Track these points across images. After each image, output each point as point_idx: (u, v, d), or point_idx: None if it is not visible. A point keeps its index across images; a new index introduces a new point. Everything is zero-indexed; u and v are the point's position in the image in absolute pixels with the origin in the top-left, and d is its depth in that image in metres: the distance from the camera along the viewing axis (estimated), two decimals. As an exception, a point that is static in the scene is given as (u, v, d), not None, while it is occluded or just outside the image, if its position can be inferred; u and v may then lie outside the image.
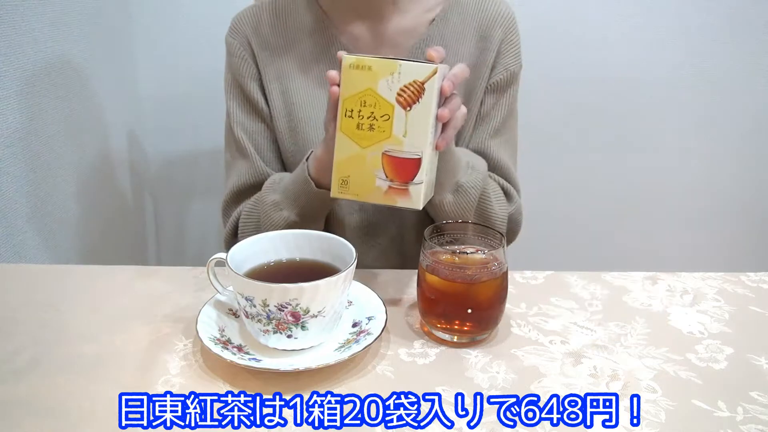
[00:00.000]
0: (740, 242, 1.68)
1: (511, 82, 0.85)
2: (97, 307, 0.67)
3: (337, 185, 0.63)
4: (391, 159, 0.61)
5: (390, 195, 0.62)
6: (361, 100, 0.61)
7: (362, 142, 0.62)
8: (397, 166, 0.61)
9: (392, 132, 0.61)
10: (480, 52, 0.83)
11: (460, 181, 0.75)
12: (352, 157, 0.62)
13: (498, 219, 0.81)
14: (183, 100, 1.49)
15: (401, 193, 0.62)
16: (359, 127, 0.61)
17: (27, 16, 0.96)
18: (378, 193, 0.62)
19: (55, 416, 0.50)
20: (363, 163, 0.62)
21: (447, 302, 0.60)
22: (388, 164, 0.62)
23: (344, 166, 0.63)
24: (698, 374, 0.57)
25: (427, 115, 0.60)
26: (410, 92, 0.60)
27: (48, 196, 1.03)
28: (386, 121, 0.61)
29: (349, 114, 0.61)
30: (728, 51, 1.48)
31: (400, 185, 0.62)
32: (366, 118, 0.61)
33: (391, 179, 0.62)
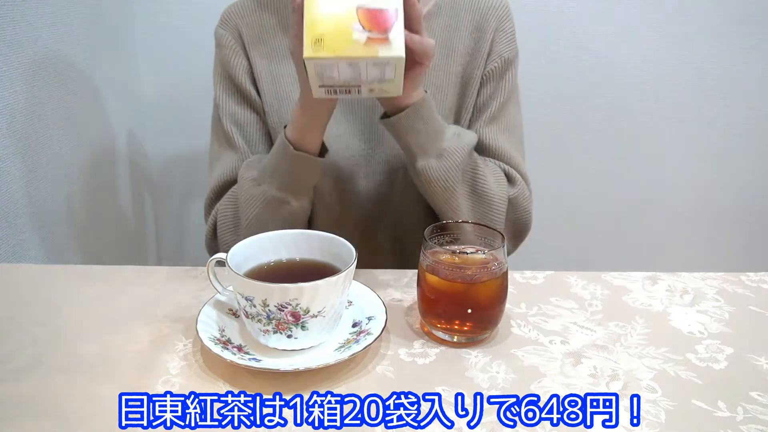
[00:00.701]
0: (740, 242, 1.68)
1: (506, 69, 0.84)
2: (97, 307, 0.67)
3: (310, 44, 0.59)
4: (366, 12, 0.59)
5: (370, 45, 0.59)
6: None
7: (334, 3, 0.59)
8: (374, 17, 0.59)
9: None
10: (475, 43, 0.84)
11: (443, 145, 0.74)
12: (324, 15, 0.59)
13: (496, 197, 0.79)
14: (183, 100, 1.49)
15: (381, 42, 0.59)
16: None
17: (28, 15, 0.96)
18: (357, 45, 0.59)
19: (55, 416, 0.50)
20: (338, 18, 0.59)
21: (447, 302, 0.60)
22: (364, 16, 0.59)
23: (317, 24, 0.59)
24: (698, 374, 0.57)
25: None
26: None
27: (48, 196, 1.03)
28: None
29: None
30: (728, 51, 1.48)
31: (379, 34, 0.59)
32: None
33: (369, 29, 0.59)
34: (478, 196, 0.78)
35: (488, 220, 0.79)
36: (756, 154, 1.59)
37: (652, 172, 1.60)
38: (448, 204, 0.77)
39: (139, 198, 1.48)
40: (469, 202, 0.78)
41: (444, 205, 0.77)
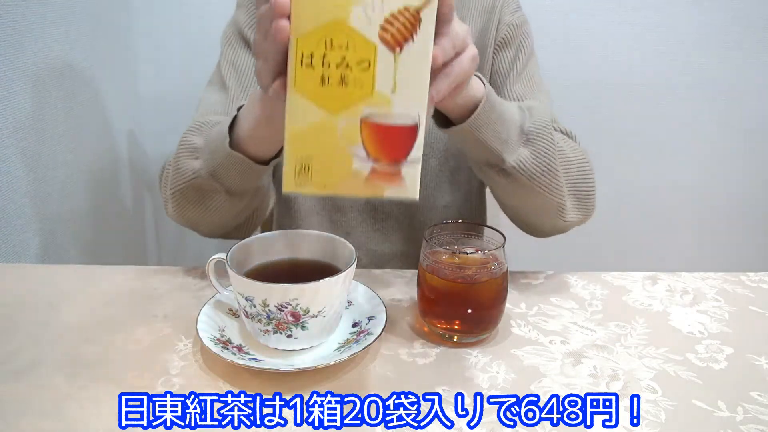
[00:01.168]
0: (740, 242, 1.68)
1: (517, 33, 0.84)
2: (97, 307, 0.67)
3: (293, 173, 0.44)
4: (375, 128, 0.43)
5: (374, 182, 0.44)
6: (326, 39, 0.41)
7: (330, 105, 0.42)
8: (384, 139, 0.44)
9: (375, 87, 0.42)
10: (482, 25, 0.84)
11: (525, 126, 0.63)
12: (314, 129, 0.43)
13: (580, 161, 0.69)
14: (183, 101, 1.48)
15: (390, 177, 0.44)
16: (324, 81, 0.42)
17: (27, 15, 0.96)
18: (356, 180, 0.44)
19: (55, 416, 0.50)
20: (332, 136, 0.43)
21: (447, 302, 0.60)
22: (370, 136, 0.43)
23: (302, 142, 0.43)
24: (698, 374, 0.57)
25: (425, 59, 0.43)
26: (401, 24, 0.41)
27: (48, 196, 1.03)
28: (366, 71, 0.42)
29: (307, 62, 0.42)
30: (728, 51, 1.48)
31: (388, 166, 0.44)
32: (335, 68, 0.42)
33: (376, 158, 0.44)
34: (568, 171, 0.68)
35: (583, 189, 0.71)
36: (756, 154, 1.59)
37: (652, 172, 1.60)
38: (552, 192, 0.66)
39: (139, 198, 1.48)
40: (568, 184, 0.68)
41: (550, 197, 0.66)
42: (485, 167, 0.66)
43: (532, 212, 0.71)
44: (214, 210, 0.70)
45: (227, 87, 0.80)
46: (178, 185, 0.69)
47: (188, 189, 0.69)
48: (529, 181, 0.65)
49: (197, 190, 0.68)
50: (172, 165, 0.70)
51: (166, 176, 0.73)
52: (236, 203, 0.70)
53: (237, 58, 0.82)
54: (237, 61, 0.82)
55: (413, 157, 0.44)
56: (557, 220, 0.71)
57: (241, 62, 0.82)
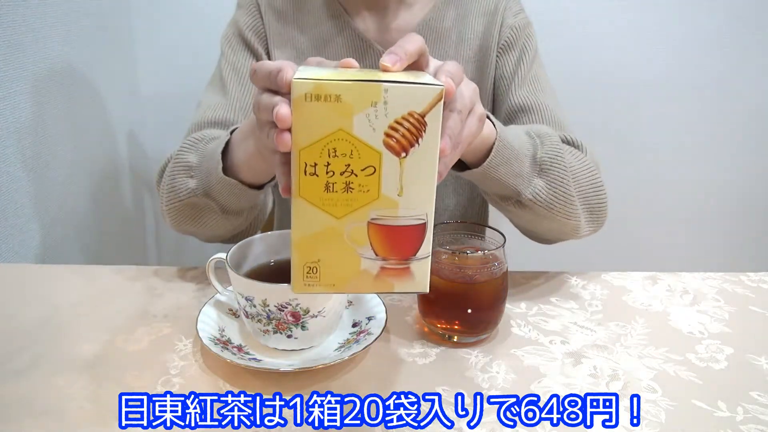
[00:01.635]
0: (740, 242, 1.68)
1: (521, 36, 0.83)
2: (97, 307, 0.67)
3: (301, 276, 0.44)
4: (382, 230, 0.43)
5: (383, 279, 0.44)
6: (329, 149, 0.41)
7: (336, 211, 0.42)
8: (392, 239, 0.43)
9: (381, 191, 0.42)
10: (485, 28, 0.84)
11: (539, 155, 0.63)
12: (321, 234, 0.43)
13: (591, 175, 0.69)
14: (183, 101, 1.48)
15: (400, 274, 0.44)
16: (329, 188, 0.42)
17: (27, 16, 0.96)
18: (365, 278, 0.44)
19: (55, 416, 0.50)
20: (339, 240, 0.43)
21: (447, 302, 0.60)
22: (378, 237, 0.43)
23: (310, 247, 0.43)
24: (698, 374, 0.57)
25: (431, 161, 0.42)
26: (405, 130, 0.41)
27: (48, 196, 1.03)
28: (371, 177, 0.42)
29: (310, 171, 0.41)
30: (728, 50, 1.48)
31: (397, 264, 0.44)
32: (339, 175, 0.41)
33: (384, 257, 0.43)
34: (581, 190, 0.68)
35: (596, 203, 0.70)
36: (756, 154, 1.59)
37: (652, 171, 1.60)
38: (569, 217, 0.66)
39: (139, 198, 1.48)
40: (581, 200, 0.68)
41: (567, 221, 0.67)
42: (501, 200, 0.66)
43: (548, 233, 0.72)
44: (210, 226, 0.70)
45: (228, 90, 0.80)
46: (173, 203, 0.69)
47: (184, 207, 0.69)
48: (547, 210, 0.65)
49: (193, 207, 0.68)
50: (167, 182, 0.69)
51: (161, 190, 0.72)
52: (232, 220, 0.70)
53: (237, 61, 0.82)
54: (237, 64, 0.82)
55: (422, 253, 0.44)
56: (570, 237, 0.72)
57: (241, 65, 0.82)
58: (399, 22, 0.83)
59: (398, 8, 0.82)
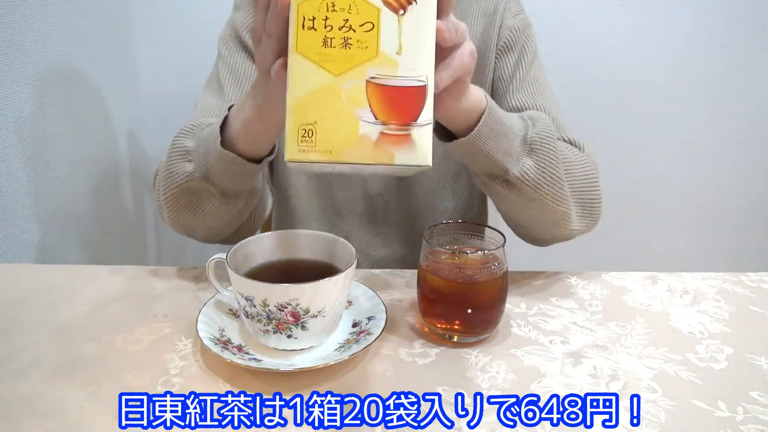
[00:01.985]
0: (740, 242, 1.68)
1: (520, 38, 0.83)
2: (97, 307, 0.67)
3: (296, 139, 0.42)
4: (381, 89, 0.42)
5: (383, 146, 0.42)
6: (328, 3, 0.41)
7: (334, 67, 0.41)
8: (392, 100, 0.42)
9: (379, 48, 0.41)
10: (485, 28, 0.84)
11: (528, 136, 0.62)
12: (318, 93, 0.41)
13: (586, 169, 0.69)
14: (183, 100, 1.48)
15: (400, 141, 0.42)
16: (327, 43, 0.41)
17: (27, 16, 0.96)
18: (364, 145, 0.42)
19: (55, 416, 0.50)
20: (336, 99, 0.41)
21: (447, 302, 0.60)
22: (377, 97, 0.41)
23: (306, 107, 0.41)
24: (698, 374, 0.57)
25: (429, 21, 0.42)
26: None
27: (48, 196, 1.03)
28: (369, 33, 0.41)
29: (308, 24, 0.41)
30: (728, 51, 1.48)
31: (398, 129, 0.42)
32: (337, 29, 0.41)
33: (385, 120, 0.42)
34: (574, 182, 0.68)
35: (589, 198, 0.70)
36: (756, 154, 1.59)
37: (652, 171, 1.60)
38: (557, 202, 0.66)
39: (139, 198, 1.48)
40: (574, 194, 0.68)
41: (555, 206, 0.66)
42: (488, 179, 0.66)
43: (536, 223, 0.71)
44: (209, 214, 0.69)
45: (224, 92, 0.80)
46: (171, 189, 0.68)
47: (181, 193, 0.68)
48: (534, 191, 0.64)
49: (191, 193, 0.68)
50: (164, 169, 0.69)
51: (158, 181, 0.72)
52: (231, 206, 0.69)
53: (235, 63, 0.82)
54: (235, 66, 0.82)
55: (423, 119, 0.42)
56: (562, 230, 0.70)
57: (238, 66, 0.81)
58: None
59: None
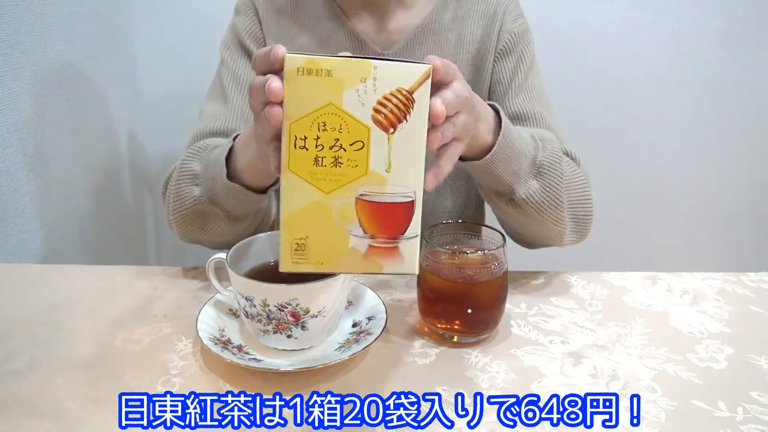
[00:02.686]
0: (740, 242, 1.68)
1: (519, 42, 0.83)
2: (97, 307, 0.67)
3: (289, 252, 0.45)
4: (370, 206, 0.44)
5: (372, 258, 0.45)
6: (319, 122, 0.42)
7: (324, 185, 0.43)
8: (380, 216, 0.44)
9: (369, 167, 0.43)
10: (484, 30, 0.83)
11: (538, 159, 0.64)
12: (309, 209, 0.43)
13: (582, 186, 0.70)
14: (184, 100, 1.49)
15: (388, 253, 0.45)
16: (318, 162, 0.43)
17: (27, 15, 0.96)
18: (354, 257, 0.44)
19: (55, 416, 0.50)
20: (327, 215, 0.44)
21: (447, 302, 0.60)
22: (366, 214, 0.44)
23: (298, 222, 0.44)
24: (698, 374, 0.57)
25: (419, 138, 0.44)
26: (393, 106, 0.42)
27: (48, 196, 1.03)
28: (359, 151, 0.43)
29: (300, 144, 0.42)
30: (728, 50, 1.48)
31: (385, 242, 0.44)
32: (328, 149, 0.43)
33: (373, 235, 0.44)
34: (572, 201, 0.69)
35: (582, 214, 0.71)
36: (756, 154, 1.59)
37: (652, 172, 1.60)
38: (557, 224, 0.68)
39: (139, 198, 1.48)
40: (569, 209, 0.69)
41: (553, 227, 0.68)
42: (494, 195, 0.68)
43: (529, 235, 0.73)
44: (216, 233, 0.72)
45: (228, 99, 0.80)
46: (179, 211, 0.71)
47: (190, 214, 0.70)
48: (537, 212, 0.66)
49: (199, 215, 0.70)
50: (173, 191, 0.71)
51: (168, 199, 0.73)
52: (237, 226, 0.71)
53: (237, 69, 0.82)
54: (237, 72, 0.82)
55: (411, 232, 0.45)
56: (553, 243, 0.73)
57: (241, 72, 0.82)
58: (398, 23, 0.82)
59: (397, 10, 0.82)
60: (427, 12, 0.83)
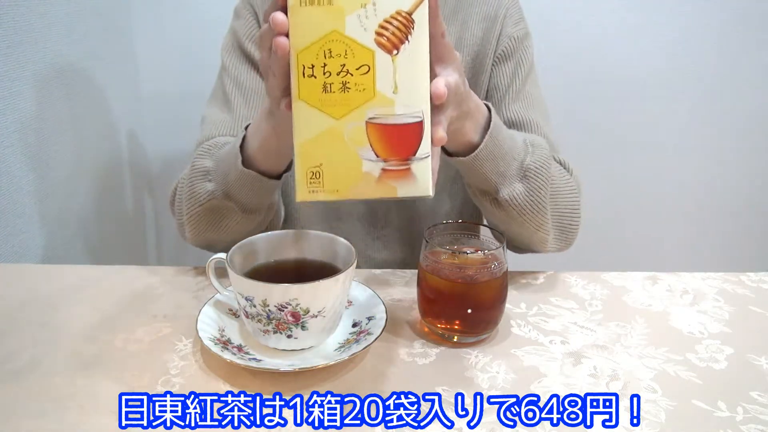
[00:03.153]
0: (740, 242, 1.68)
1: (518, 47, 0.83)
2: (97, 307, 0.67)
3: (305, 181, 0.46)
4: (380, 128, 0.45)
5: (385, 182, 0.45)
6: (325, 50, 0.44)
7: (334, 111, 0.45)
8: (391, 137, 0.45)
9: (376, 89, 0.44)
10: (484, 33, 0.83)
11: (525, 162, 0.65)
12: (321, 136, 0.45)
13: (571, 195, 0.71)
14: (183, 100, 1.49)
15: (401, 175, 0.45)
16: (326, 88, 0.44)
17: (27, 15, 0.96)
18: (368, 181, 0.45)
19: (55, 416, 0.50)
20: (339, 141, 0.45)
21: (447, 302, 0.60)
22: (377, 137, 0.45)
23: (311, 151, 0.45)
24: (698, 374, 0.57)
25: (422, 58, 0.45)
26: (395, 28, 0.44)
27: (48, 196, 1.03)
28: (366, 75, 0.44)
29: (308, 72, 0.44)
30: (728, 50, 1.48)
31: (398, 164, 0.45)
32: (335, 75, 0.44)
33: (385, 157, 0.45)
34: (556, 207, 0.70)
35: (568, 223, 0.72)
36: (756, 154, 1.59)
37: (651, 171, 1.60)
38: (539, 229, 0.69)
39: (139, 198, 1.48)
40: (554, 217, 0.70)
41: (536, 231, 0.69)
42: (479, 193, 0.69)
43: (514, 237, 0.73)
44: (230, 230, 0.71)
45: (232, 106, 0.80)
46: (194, 209, 0.71)
47: (204, 211, 0.70)
48: (519, 215, 0.67)
49: (213, 211, 0.70)
50: (186, 189, 0.71)
51: (179, 201, 0.73)
52: (251, 220, 0.71)
53: (239, 74, 0.82)
54: (239, 78, 0.82)
55: (422, 153, 0.45)
56: (536, 248, 0.74)
57: (243, 78, 0.82)
58: None
59: None
60: None
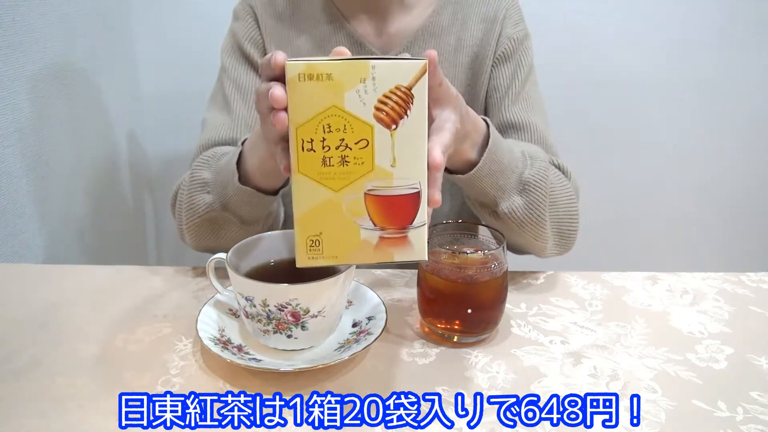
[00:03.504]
0: (740, 242, 1.68)
1: (518, 49, 0.83)
2: (97, 307, 0.67)
3: (305, 249, 0.47)
4: (378, 200, 0.46)
5: (383, 248, 0.47)
6: (324, 125, 0.44)
7: (333, 184, 0.45)
8: (388, 209, 0.46)
9: (375, 163, 0.45)
10: (483, 33, 0.83)
11: (524, 176, 0.66)
12: (321, 207, 0.46)
13: (569, 202, 0.71)
14: (183, 100, 1.49)
15: (398, 242, 0.47)
16: (326, 162, 0.45)
17: (27, 15, 0.96)
18: (366, 248, 0.47)
19: (55, 416, 0.50)
20: (338, 212, 0.46)
21: (447, 302, 0.60)
22: (375, 208, 0.46)
23: (311, 221, 0.46)
24: (698, 374, 0.57)
25: (420, 132, 0.45)
26: (394, 103, 0.44)
27: (48, 196, 1.03)
28: (364, 149, 0.45)
29: (307, 146, 0.44)
30: (727, 50, 1.48)
31: (395, 233, 0.47)
32: (334, 149, 0.45)
33: (383, 227, 0.46)
34: (555, 216, 0.70)
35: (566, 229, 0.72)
36: (756, 154, 1.59)
37: (652, 172, 1.60)
38: (538, 239, 0.69)
39: (139, 198, 1.48)
40: (553, 224, 0.70)
41: (534, 241, 0.70)
42: (479, 206, 0.70)
43: (514, 245, 0.74)
44: (229, 238, 0.71)
45: (232, 109, 0.80)
46: (192, 220, 0.71)
47: (203, 222, 0.71)
48: (518, 227, 0.68)
49: (212, 222, 0.70)
50: (185, 200, 0.71)
51: (179, 209, 0.74)
52: (250, 230, 0.71)
53: (239, 76, 0.82)
54: (239, 80, 0.82)
55: (418, 221, 0.47)
56: (536, 254, 0.74)
57: (243, 80, 0.82)
58: (398, 26, 0.82)
59: (397, 12, 0.82)
60: (427, 14, 0.83)
